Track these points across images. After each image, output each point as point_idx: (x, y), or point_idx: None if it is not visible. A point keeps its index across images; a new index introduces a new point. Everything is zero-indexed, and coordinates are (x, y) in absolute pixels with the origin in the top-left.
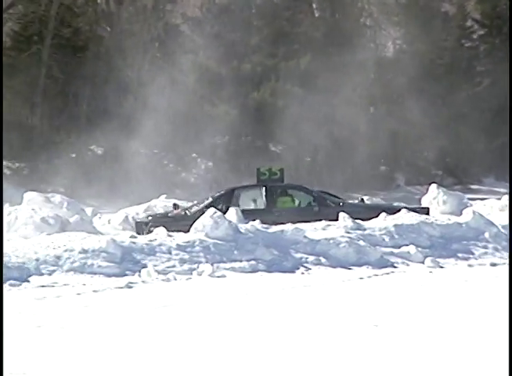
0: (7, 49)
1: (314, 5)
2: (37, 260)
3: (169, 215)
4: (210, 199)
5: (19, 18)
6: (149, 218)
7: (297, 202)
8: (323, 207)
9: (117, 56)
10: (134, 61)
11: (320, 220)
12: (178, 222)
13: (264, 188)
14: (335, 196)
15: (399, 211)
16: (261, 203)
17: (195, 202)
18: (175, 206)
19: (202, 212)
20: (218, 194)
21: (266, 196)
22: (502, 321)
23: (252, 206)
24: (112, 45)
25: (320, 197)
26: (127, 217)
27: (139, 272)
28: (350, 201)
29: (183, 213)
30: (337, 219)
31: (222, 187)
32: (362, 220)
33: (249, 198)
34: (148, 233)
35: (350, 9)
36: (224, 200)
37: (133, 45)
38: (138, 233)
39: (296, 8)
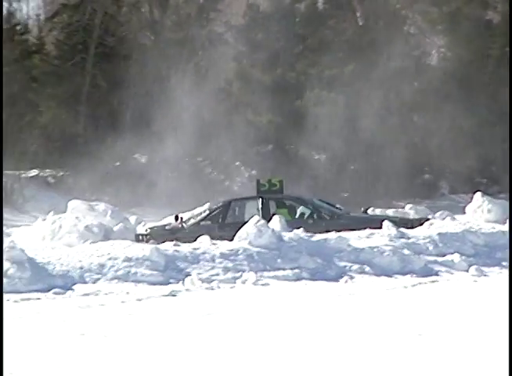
0: (52, 58)
1: (358, 14)
2: (81, 268)
3: (166, 227)
4: (208, 211)
5: (64, 27)
6: (148, 230)
7: (292, 214)
8: (318, 219)
9: (161, 65)
10: (177, 69)
11: (314, 232)
12: (174, 234)
13: (260, 200)
14: (334, 206)
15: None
16: (258, 215)
17: (194, 214)
18: (177, 218)
19: (198, 225)
20: (215, 207)
21: (262, 208)
22: None
23: (248, 218)
24: (155, 54)
25: (316, 209)
26: None
27: (183, 280)
28: (353, 214)
29: (180, 226)
30: (330, 231)
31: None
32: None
33: (246, 210)
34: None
35: (394, 17)
36: (221, 213)
37: (176, 54)
38: None
39: (340, 16)
